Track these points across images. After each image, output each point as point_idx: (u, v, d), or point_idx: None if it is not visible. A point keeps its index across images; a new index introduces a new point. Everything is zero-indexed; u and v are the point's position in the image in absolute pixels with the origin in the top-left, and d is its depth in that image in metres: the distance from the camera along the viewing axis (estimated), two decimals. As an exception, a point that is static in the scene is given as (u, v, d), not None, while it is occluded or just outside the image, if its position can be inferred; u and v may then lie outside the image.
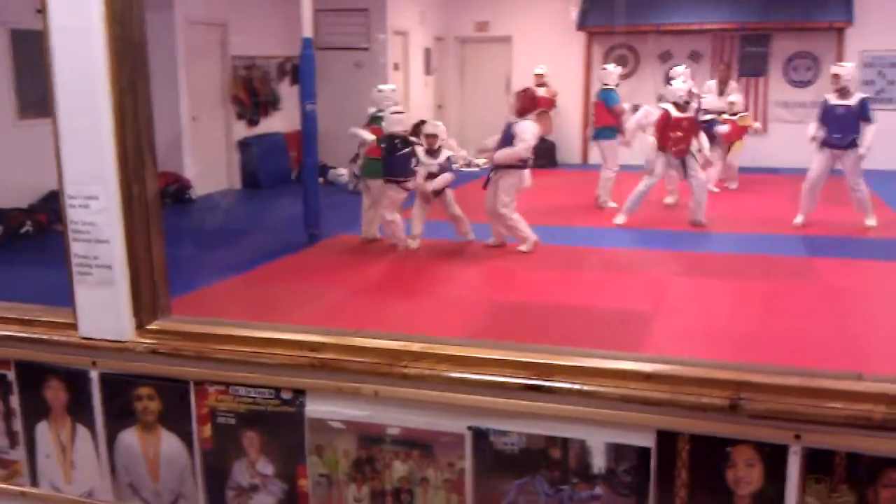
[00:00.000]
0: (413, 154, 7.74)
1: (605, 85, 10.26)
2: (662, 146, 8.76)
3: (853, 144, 8.36)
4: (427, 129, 8.22)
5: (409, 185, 7.74)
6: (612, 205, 9.69)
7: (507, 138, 7.73)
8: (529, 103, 7.93)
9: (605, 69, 10.66)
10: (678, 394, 1.38)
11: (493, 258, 7.74)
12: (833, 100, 8.53)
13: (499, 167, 7.75)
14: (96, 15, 1.53)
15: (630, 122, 9.73)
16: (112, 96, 1.56)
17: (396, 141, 7.74)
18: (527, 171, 7.90)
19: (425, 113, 14.03)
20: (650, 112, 9.36)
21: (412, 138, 7.94)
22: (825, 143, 8.48)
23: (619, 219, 8.93)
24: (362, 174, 8.41)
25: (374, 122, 8.21)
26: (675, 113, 8.75)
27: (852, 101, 8.43)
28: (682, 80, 9.20)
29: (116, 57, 1.55)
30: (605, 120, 10.09)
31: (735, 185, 11.03)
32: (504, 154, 7.69)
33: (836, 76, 8.73)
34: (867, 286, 6.69)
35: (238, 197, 11.57)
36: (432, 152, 7.90)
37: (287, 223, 8.96)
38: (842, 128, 8.37)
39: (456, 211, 7.97)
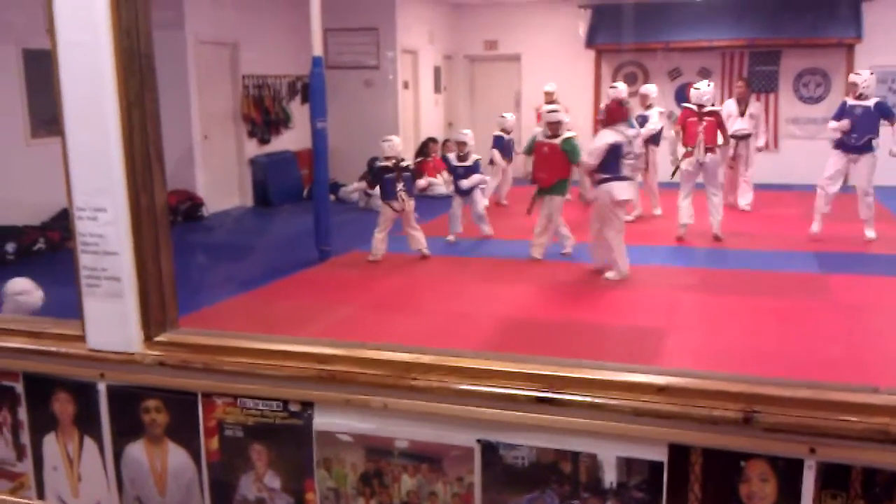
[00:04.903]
0: (398, 179, 8.00)
1: None
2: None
3: (869, 147, 8.28)
4: (457, 136, 9.67)
5: (395, 206, 7.96)
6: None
7: None
8: (616, 114, 7.67)
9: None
10: (691, 407, 1.36)
11: (509, 274, 7.71)
12: (851, 101, 8.46)
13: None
14: (103, 29, 1.53)
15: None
16: (119, 109, 1.57)
17: (384, 167, 8.12)
18: (618, 184, 7.25)
19: (436, 131, 14.08)
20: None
21: (402, 163, 8.19)
22: (840, 146, 8.40)
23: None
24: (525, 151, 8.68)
25: None
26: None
27: (870, 102, 8.35)
28: (706, 83, 9.27)
29: (123, 70, 1.56)
30: None
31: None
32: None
33: (853, 84, 8.67)
34: (880, 302, 6.64)
35: (250, 214, 11.60)
36: (462, 157, 9.01)
37: (298, 240, 8.96)
38: (859, 129, 8.27)
39: (478, 209, 8.91)
